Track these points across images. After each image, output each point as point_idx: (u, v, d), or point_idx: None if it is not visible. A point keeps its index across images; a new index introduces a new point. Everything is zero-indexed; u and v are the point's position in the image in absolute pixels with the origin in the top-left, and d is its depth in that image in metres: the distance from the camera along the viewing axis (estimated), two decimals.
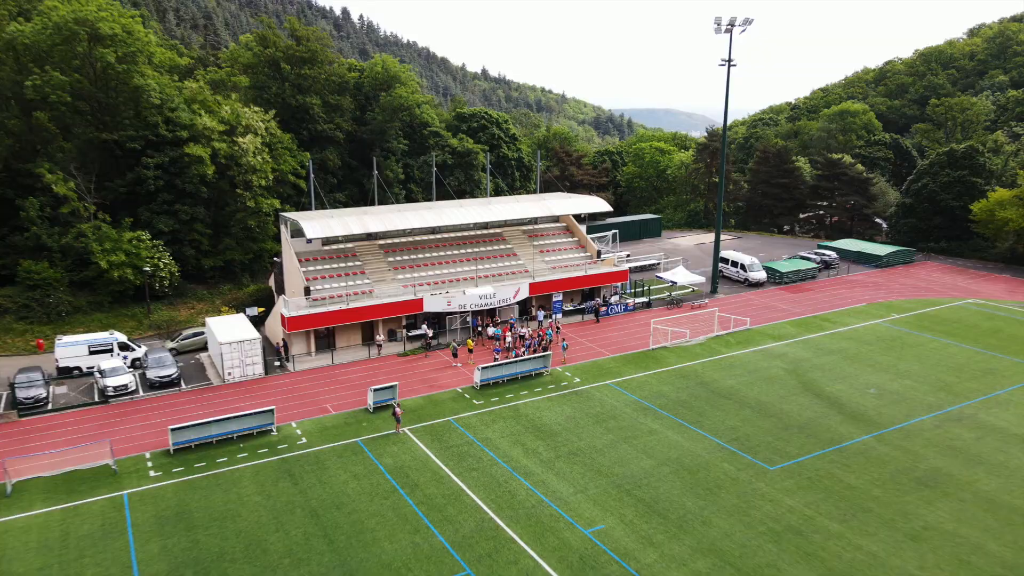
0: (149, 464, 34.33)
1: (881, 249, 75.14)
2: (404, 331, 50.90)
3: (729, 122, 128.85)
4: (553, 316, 54.74)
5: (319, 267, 51.00)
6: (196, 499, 31.28)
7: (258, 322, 53.89)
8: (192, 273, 62.96)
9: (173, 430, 35.09)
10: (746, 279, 66.45)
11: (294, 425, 38.51)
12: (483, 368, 43.14)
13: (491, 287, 52.14)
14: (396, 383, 40.88)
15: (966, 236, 78.06)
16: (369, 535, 28.63)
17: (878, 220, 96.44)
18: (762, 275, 66.31)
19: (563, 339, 48.31)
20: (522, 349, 47.42)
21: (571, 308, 57.40)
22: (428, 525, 29.30)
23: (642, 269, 70.38)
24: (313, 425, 38.54)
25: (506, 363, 44.18)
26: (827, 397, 41.81)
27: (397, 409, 37.50)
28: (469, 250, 56.79)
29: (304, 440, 36.80)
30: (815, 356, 48.43)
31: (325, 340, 49.26)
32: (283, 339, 47.33)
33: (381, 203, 65.28)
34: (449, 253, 55.95)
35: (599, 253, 60.09)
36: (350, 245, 53.55)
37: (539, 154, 68.60)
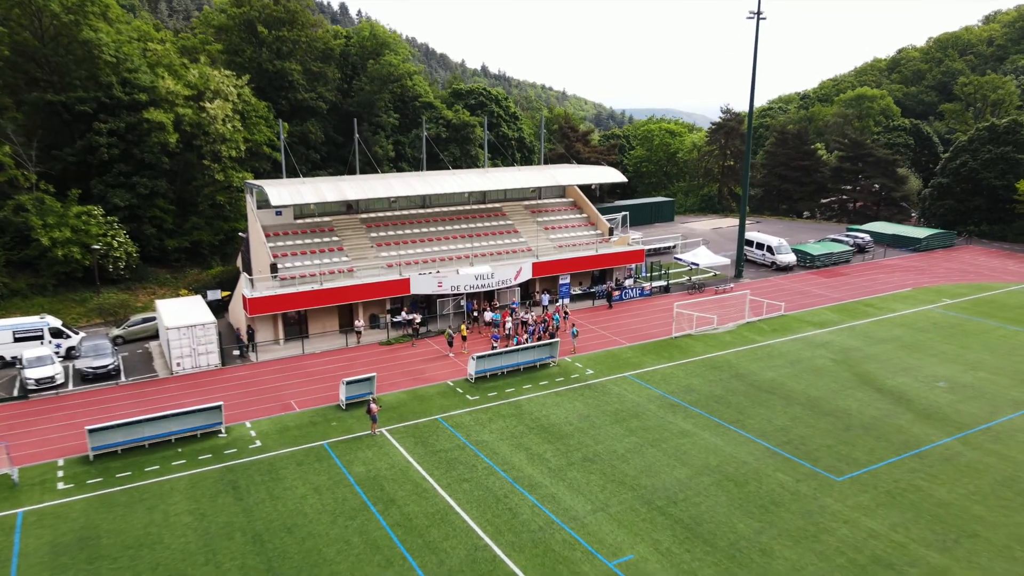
0: (60, 474, 27.51)
1: (920, 232, 68.34)
2: (388, 316, 44.10)
3: (736, 113, 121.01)
4: (560, 300, 47.94)
5: (290, 243, 44.19)
6: (109, 520, 24.43)
7: (223, 307, 47.07)
8: (154, 255, 56.11)
9: (92, 431, 28.28)
10: (773, 262, 59.63)
11: (248, 425, 31.70)
12: (478, 357, 36.35)
13: (488, 267, 45.35)
14: (373, 374, 34.06)
15: (1009, 218, 71.27)
16: (326, 568, 21.81)
17: (904, 204, 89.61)
18: (791, 258, 59.52)
19: (573, 324, 41.47)
20: (525, 336, 40.61)
21: (580, 292, 50.61)
22: (404, 554, 22.49)
23: (657, 252, 63.58)
24: (271, 425, 31.72)
25: (506, 351, 37.38)
26: (890, 392, 34.97)
27: (372, 405, 30.67)
28: (464, 226, 49.99)
29: (258, 443, 29.98)
30: (866, 345, 41.60)
31: (296, 327, 42.46)
32: (247, 325, 40.50)
33: None
34: (441, 229, 49.14)
35: (611, 231, 53.25)
36: (327, 219, 46.74)
37: (543, 125, 61.75)
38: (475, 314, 44.65)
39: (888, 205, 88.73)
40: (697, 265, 53.93)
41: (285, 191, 41.47)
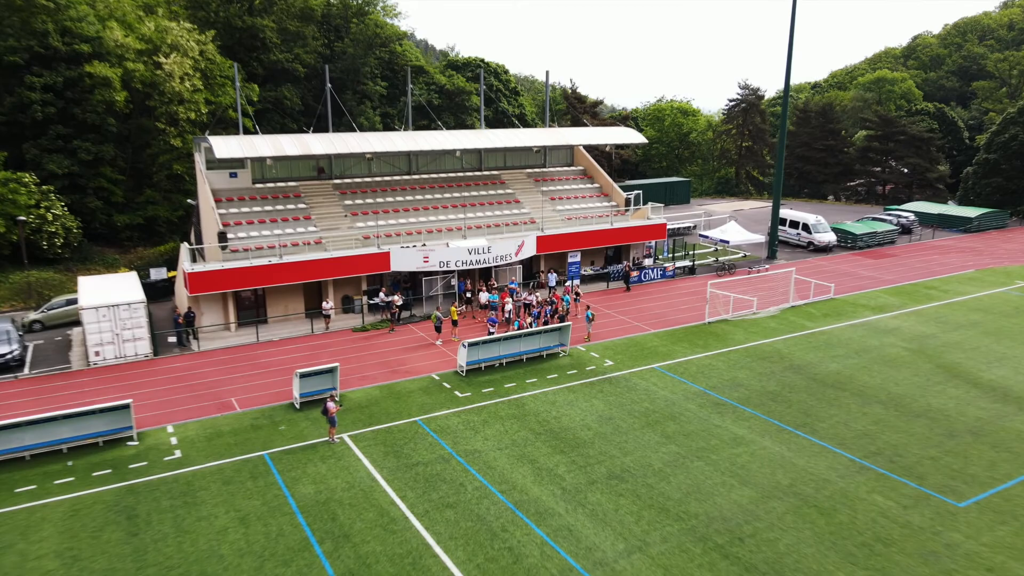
0: None
1: (969, 211, 61.05)
2: (364, 298, 36.83)
3: (755, 88, 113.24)
4: (570, 280, 40.66)
5: (246, 209, 36.91)
6: None
7: (169, 290, 39.81)
8: (100, 232, 48.91)
9: None
10: (810, 242, 52.35)
11: (170, 430, 24.43)
12: (471, 345, 29.10)
13: (485, 240, 38.07)
14: (335, 365, 26.78)
15: None
16: None
17: (940, 186, 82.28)
18: (830, 237, 52.26)
19: (588, 307, 34.00)
20: (528, 320, 33.32)
21: (591, 273, 43.34)
22: None
23: (676, 233, 56.26)
24: (200, 430, 24.45)
25: (506, 337, 30.13)
26: (990, 387, 27.72)
27: (330, 404, 23.39)
28: (456, 194, 42.74)
29: (177, 455, 22.71)
30: (941, 331, 34.32)
31: (253, 310, 35.22)
32: (187, 307, 33.25)
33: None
34: (428, 198, 41.89)
35: (628, 202, 45.97)
36: (293, 184, 39.46)
37: (548, 88, 54.34)
38: (468, 295, 37.34)
39: (922, 187, 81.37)
40: (726, 243, 46.66)
41: (235, 143, 34.19)
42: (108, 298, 30.04)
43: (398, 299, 34.94)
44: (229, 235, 34.67)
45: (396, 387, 28.16)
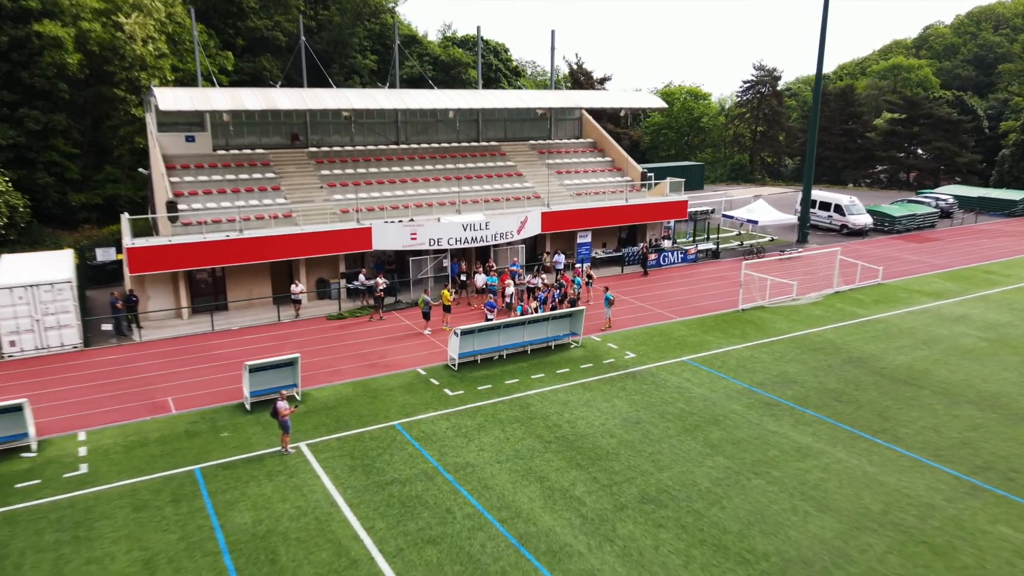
0: None
1: (1014, 194, 55.95)
2: (342, 281, 31.77)
3: (771, 69, 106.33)
4: (580, 263, 35.51)
5: (204, 178, 31.79)
6: None
7: (118, 273, 34.67)
8: (53, 212, 43.77)
9: None
10: (844, 225, 47.25)
11: (82, 437, 19.31)
12: (464, 333, 23.99)
13: (482, 215, 32.99)
14: (296, 356, 21.65)
15: None
16: None
17: (969, 172, 77.23)
18: (866, 219, 47.17)
19: (606, 288, 28.73)
20: (534, 305, 28.15)
21: (603, 256, 38.22)
22: None
23: (692, 218, 51.06)
24: (121, 437, 19.33)
25: (507, 324, 25.02)
26: None
27: (282, 404, 18.25)
28: (450, 165, 37.63)
29: (82, 469, 17.60)
30: (1018, 319, 29.24)
31: (211, 294, 30.15)
32: (129, 289, 28.15)
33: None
34: (418, 169, 36.80)
35: (645, 176, 40.86)
36: (262, 151, 34.33)
37: (553, 55, 48.96)
38: (463, 278, 32.19)
39: (950, 173, 76.27)
40: (754, 223, 41.53)
41: (185, 95, 29.07)
42: (26, 277, 24.92)
43: (380, 282, 29.81)
44: (181, 206, 29.54)
45: (373, 384, 23.04)
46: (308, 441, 19.09)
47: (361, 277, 30.97)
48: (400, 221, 31.53)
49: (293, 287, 29.54)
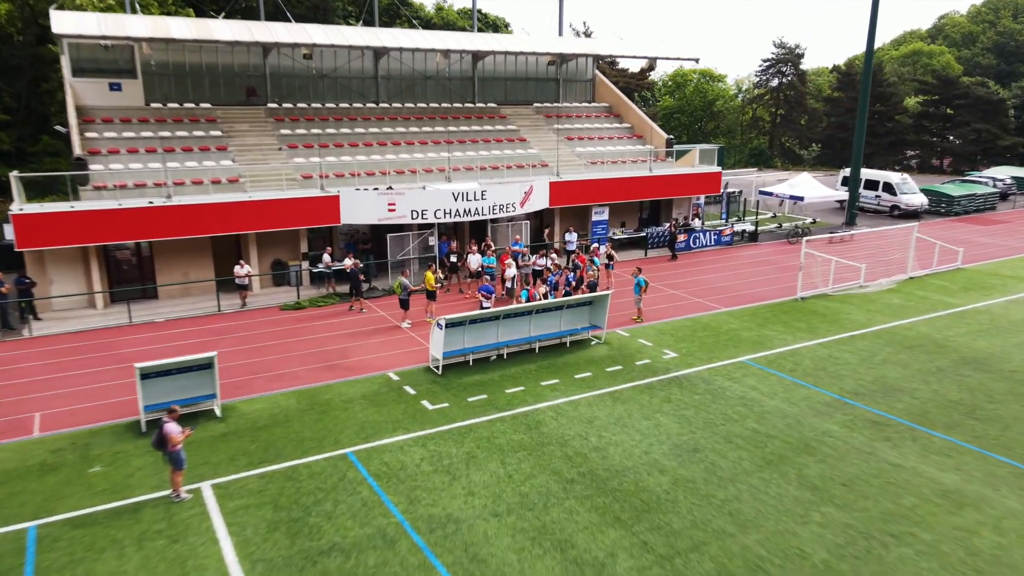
0: None
1: None
2: (304, 264, 25.66)
3: (793, 47, 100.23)
4: (595, 243, 29.28)
5: (133, 135, 25.63)
6: None
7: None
8: None
9: None
10: (894, 206, 41.16)
11: None
12: (451, 325, 17.83)
13: (477, 183, 26.89)
14: (212, 355, 15.46)
15: None
16: None
17: (1010, 156, 71.17)
18: (920, 199, 41.08)
19: (637, 272, 22.33)
20: (543, 290, 21.89)
21: (622, 237, 32.08)
22: None
23: (716, 201, 44.97)
24: None
25: (507, 314, 18.88)
26: None
27: (170, 427, 12.09)
28: (440, 128, 31.49)
29: None
30: None
31: (137, 278, 24.03)
32: (20, 271, 22.01)
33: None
34: (401, 130, 30.67)
35: (670, 143, 34.74)
36: (207, 106, 28.16)
37: (562, 14, 42.75)
38: (453, 259, 25.97)
39: (991, 156, 70.11)
40: (799, 200, 35.37)
41: (92, 19, 22.96)
42: None
43: (349, 263, 23.63)
44: (95, 166, 23.39)
45: (326, 393, 16.90)
46: (215, 480, 12.96)
47: (326, 258, 24.83)
48: (376, 189, 25.40)
49: (237, 269, 23.36)
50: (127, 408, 15.69)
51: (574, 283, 22.97)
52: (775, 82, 76.78)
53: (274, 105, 29.39)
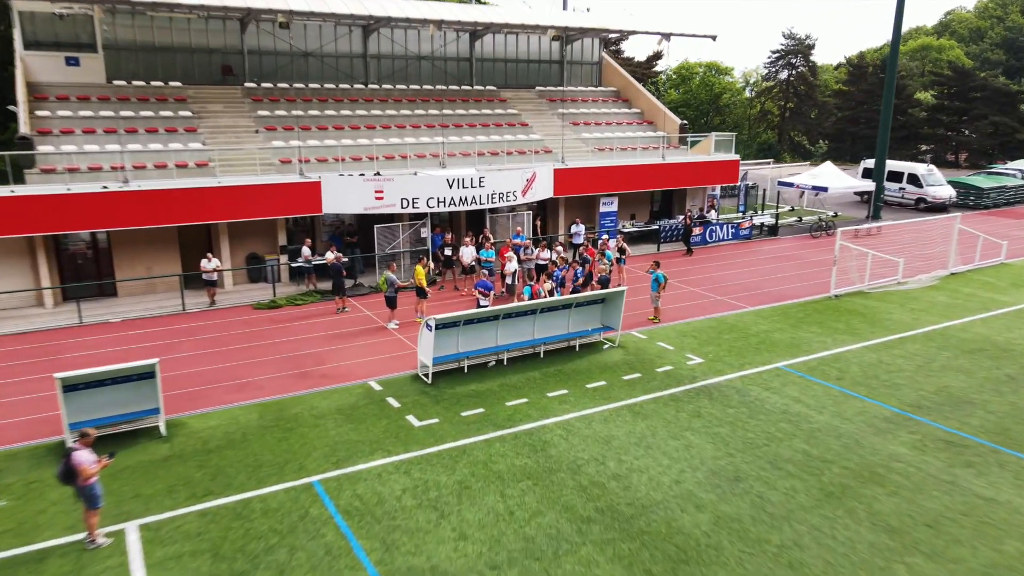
0: None
1: None
2: (282, 258, 23.15)
3: (803, 38, 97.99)
4: (605, 236, 26.72)
5: (90, 114, 23.11)
6: None
7: None
8: None
9: None
10: (920, 199, 38.66)
11: None
12: (442, 326, 15.30)
13: (474, 169, 24.37)
14: (152, 362, 12.91)
15: None
16: None
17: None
18: (948, 191, 38.56)
19: (654, 266, 19.69)
20: (548, 286, 19.32)
21: (633, 230, 29.56)
22: None
23: (731, 194, 42.47)
24: None
25: (507, 313, 16.35)
26: None
27: (80, 456, 9.56)
28: (434, 111, 28.97)
29: None
30: None
31: (94, 274, 21.51)
32: None
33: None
34: (392, 113, 28.14)
35: (684, 129, 32.24)
36: (177, 85, 25.63)
37: None
38: (447, 253, 23.41)
39: (1009, 150, 67.59)
40: (824, 190, 32.84)
41: None
42: None
43: (331, 256, 21.09)
44: (45, 147, 20.85)
45: (294, 406, 14.37)
46: (145, 519, 10.44)
47: (305, 251, 22.30)
48: (362, 175, 22.86)
49: (204, 263, 20.81)
50: (53, 426, 13.16)
51: (582, 279, 20.44)
52: (784, 74, 74.34)
53: (252, 85, 26.85)
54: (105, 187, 19.65)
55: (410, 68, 30.57)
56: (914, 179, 38.93)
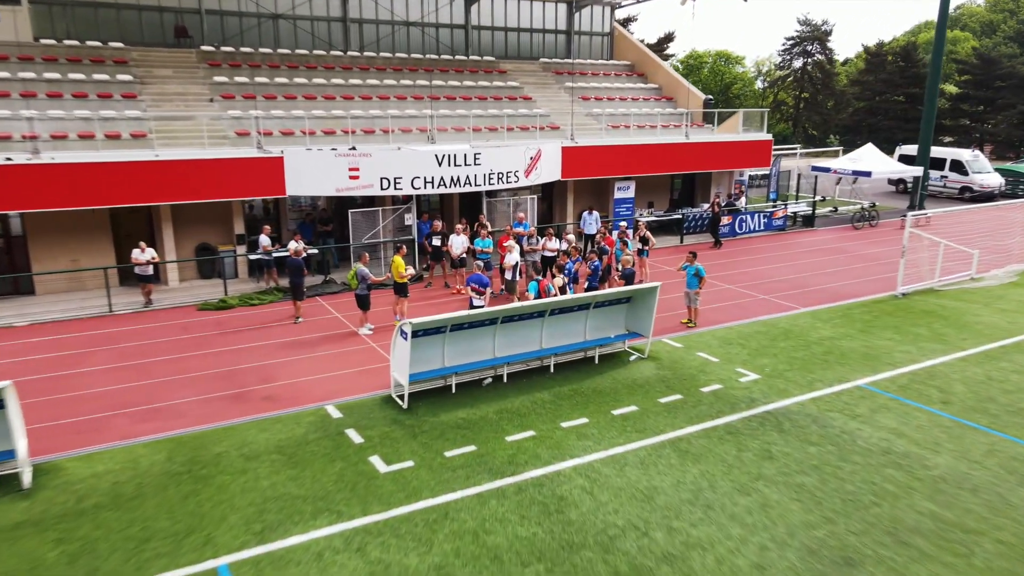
0: None
1: None
2: (239, 249, 19.40)
3: (819, 24, 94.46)
4: (619, 226, 22.90)
5: (8, 75, 19.31)
6: None
7: None
8: None
9: None
10: (965, 187, 35.02)
11: None
12: (419, 332, 11.53)
13: (468, 145, 20.59)
14: (4, 385, 9.13)
15: None
16: None
17: None
18: (996, 179, 34.95)
19: (690, 259, 15.83)
20: (559, 282, 15.50)
21: (652, 219, 25.76)
22: None
23: (753, 184, 38.75)
24: None
25: (507, 316, 12.56)
26: None
27: None
28: (424, 81, 25.21)
29: None
30: None
31: (5, 266, 17.76)
32: None
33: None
34: (373, 83, 24.36)
35: (708, 104, 28.55)
36: (119, 46, 21.86)
37: None
38: (436, 243, 19.59)
39: None
40: (867, 175, 29.10)
41: None
42: None
43: (294, 247, 17.29)
44: None
45: (220, 441, 10.60)
46: None
47: (263, 240, 18.51)
48: (333, 149, 19.08)
49: (136, 254, 17.05)
50: None
51: (599, 271, 16.66)
52: (799, 62, 70.64)
53: (209, 48, 23.06)
54: (9, 159, 15.87)
55: (397, 35, 26.84)
56: (958, 166, 35.25)
